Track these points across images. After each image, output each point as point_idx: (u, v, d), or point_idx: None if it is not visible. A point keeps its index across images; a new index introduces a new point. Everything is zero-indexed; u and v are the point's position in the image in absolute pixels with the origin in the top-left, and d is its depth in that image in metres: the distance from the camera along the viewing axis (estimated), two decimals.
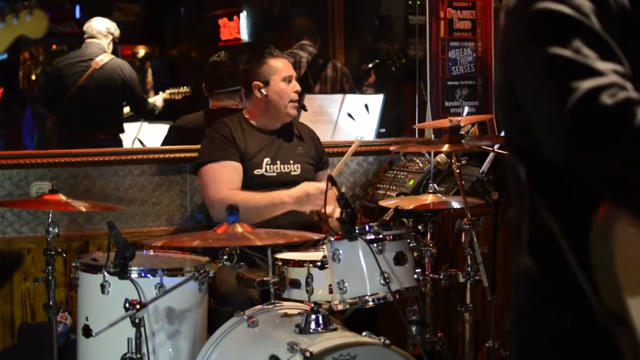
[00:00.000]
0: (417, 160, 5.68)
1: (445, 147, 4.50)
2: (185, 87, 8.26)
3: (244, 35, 11.80)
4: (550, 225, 1.93)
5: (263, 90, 4.95)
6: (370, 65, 8.53)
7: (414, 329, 4.60)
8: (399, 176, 5.69)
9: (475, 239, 4.47)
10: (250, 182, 4.86)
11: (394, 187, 5.60)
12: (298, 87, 5.02)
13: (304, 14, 8.85)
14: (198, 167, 4.96)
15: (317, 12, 9.29)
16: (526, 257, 2.07)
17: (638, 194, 1.76)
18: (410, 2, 7.43)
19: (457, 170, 4.56)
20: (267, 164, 4.92)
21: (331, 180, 3.98)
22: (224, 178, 4.86)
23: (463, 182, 4.68)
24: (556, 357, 2.02)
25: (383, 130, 6.71)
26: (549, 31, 1.85)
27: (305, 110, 5.60)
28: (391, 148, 4.89)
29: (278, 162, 4.95)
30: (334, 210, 4.55)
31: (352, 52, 9.51)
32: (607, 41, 1.83)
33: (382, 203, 4.88)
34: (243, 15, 11.90)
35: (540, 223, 1.96)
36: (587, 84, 1.75)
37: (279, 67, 5.00)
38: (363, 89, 8.36)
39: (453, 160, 4.58)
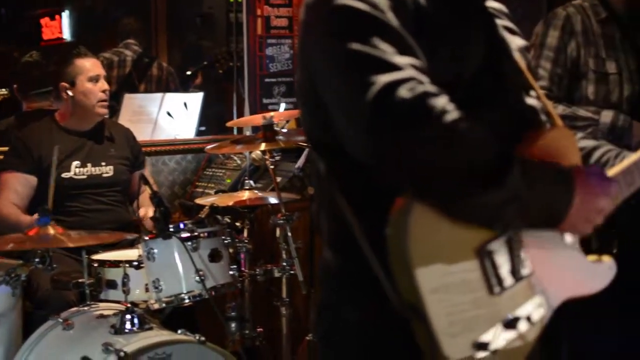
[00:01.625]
0: (235, 158, 5.71)
1: (260, 145, 4.54)
2: (3, 90, 8.03)
3: (67, 35, 11.57)
4: (348, 219, 1.95)
5: (69, 92, 4.89)
6: (191, 72, 8.44)
7: (233, 325, 4.61)
8: (217, 174, 5.72)
9: (289, 234, 4.52)
10: (60, 186, 4.78)
11: (212, 185, 5.63)
12: (106, 86, 4.95)
13: (129, 13, 8.75)
14: None
15: (140, 11, 9.17)
16: (327, 250, 2.10)
17: (437, 185, 1.80)
18: (231, 0, 7.45)
19: (272, 167, 4.61)
20: (76, 167, 4.86)
21: (143, 179, 3.98)
22: (11, 190, 4.80)
23: (281, 178, 4.72)
24: (357, 347, 2.04)
25: (203, 128, 6.70)
26: (347, 27, 1.87)
27: (116, 109, 5.50)
28: (206, 149, 4.90)
29: (89, 164, 4.90)
30: (147, 211, 4.55)
31: (175, 51, 9.45)
32: (404, 36, 1.86)
33: (199, 201, 4.88)
34: (65, 14, 11.66)
35: (339, 217, 1.98)
36: (384, 78, 1.77)
37: (86, 66, 4.94)
38: (190, 90, 8.30)
39: (267, 157, 4.63)
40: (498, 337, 1.87)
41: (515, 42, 2.21)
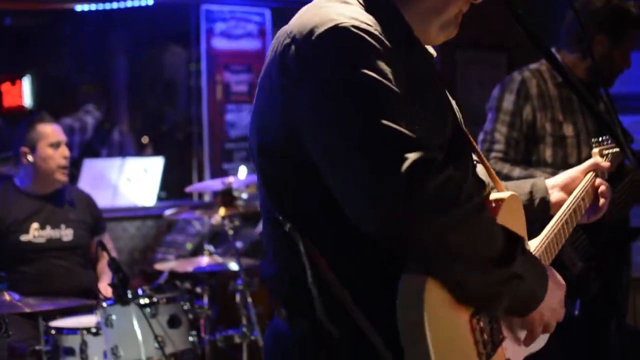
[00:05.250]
0: (196, 223, 5.70)
1: (219, 210, 4.53)
2: None
3: (27, 100, 11.55)
4: (340, 294, 1.87)
5: (30, 157, 4.85)
6: (148, 140, 8.44)
7: None
8: (178, 240, 5.70)
9: (249, 299, 4.49)
10: (19, 249, 4.74)
11: (173, 250, 5.60)
12: (67, 153, 4.90)
13: (89, 79, 8.76)
14: None
15: (102, 77, 9.20)
16: (304, 322, 1.93)
17: (459, 266, 1.81)
18: (191, 67, 7.48)
19: (231, 232, 4.59)
20: (35, 230, 4.82)
21: (101, 245, 3.96)
22: None
23: (242, 243, 4.70)
24: None
25: (163, 193, 6.69)
26: (368, 102, 1.79)
27: (77, 175, 5.45)
28: (164, 214, 4.87)
29: (48, 227, 4.85)
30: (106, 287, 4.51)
31: (137, 117, 9.47)
32: (411, 108, 1.82)
33: (159, 266, 4.85)
34: (26, 80, 11.66)
35: (327, 292, 1.88)
36: (413, 156, 1.73)
37: (47, 132, 4.89)
38: (145, 154, 8.29)
39: (226, 222, 4.61)
40: None
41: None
